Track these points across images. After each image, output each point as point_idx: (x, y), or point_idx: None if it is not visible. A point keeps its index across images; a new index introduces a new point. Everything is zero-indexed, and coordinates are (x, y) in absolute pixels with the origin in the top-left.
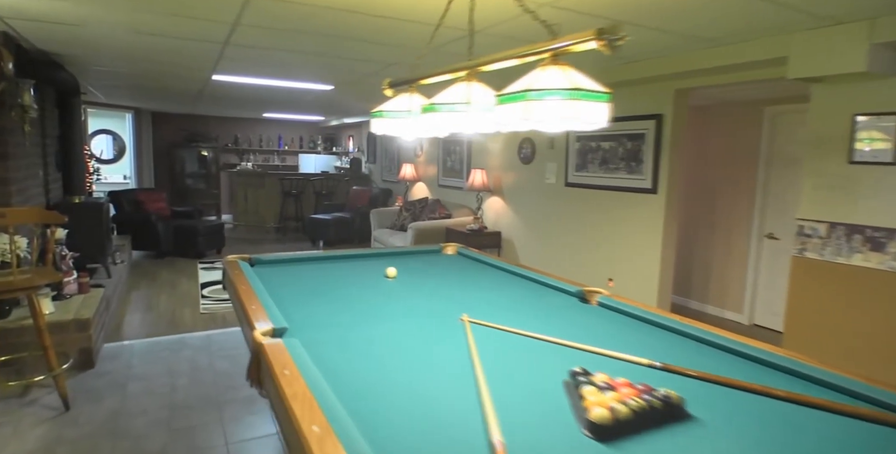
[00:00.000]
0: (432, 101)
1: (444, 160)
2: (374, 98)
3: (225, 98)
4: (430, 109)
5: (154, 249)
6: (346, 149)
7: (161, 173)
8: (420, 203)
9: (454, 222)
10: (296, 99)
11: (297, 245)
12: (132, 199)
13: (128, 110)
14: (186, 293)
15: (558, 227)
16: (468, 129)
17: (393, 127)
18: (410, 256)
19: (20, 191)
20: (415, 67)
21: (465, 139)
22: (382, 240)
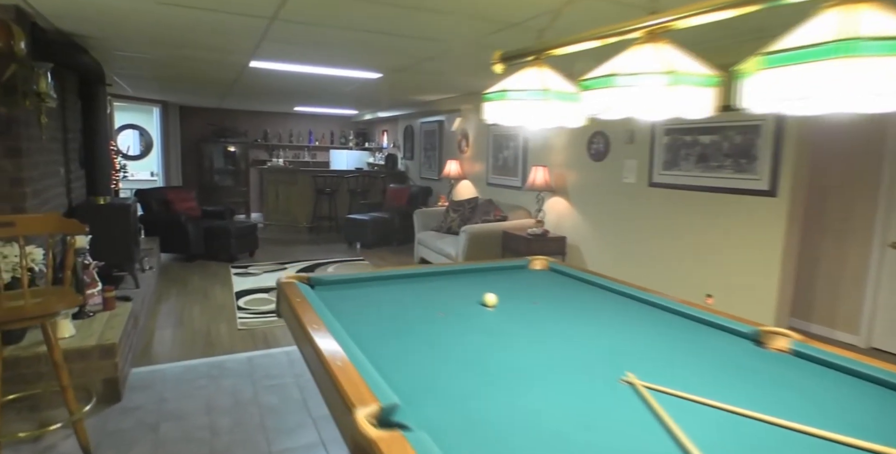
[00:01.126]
0: (610, 72)
1: (494, 156)
2: (426, 88)
3: (258, 90)
4: (604, 84)
5: (184, 252)
6: (379, 144)
7: (188, 170)
8: (469, 203)
9: (512, 225)
10: (334, 90)
11: (332, 247)
12: (161, 198)
13: (155, 104)
14: (221, 304)
15: (639, 232)
16: (659, 110)
17: (520, 111)
18: (494, 274)
19: (37, 192)
20: (538, 34)
21: (521, 133)
22: (429, 243)
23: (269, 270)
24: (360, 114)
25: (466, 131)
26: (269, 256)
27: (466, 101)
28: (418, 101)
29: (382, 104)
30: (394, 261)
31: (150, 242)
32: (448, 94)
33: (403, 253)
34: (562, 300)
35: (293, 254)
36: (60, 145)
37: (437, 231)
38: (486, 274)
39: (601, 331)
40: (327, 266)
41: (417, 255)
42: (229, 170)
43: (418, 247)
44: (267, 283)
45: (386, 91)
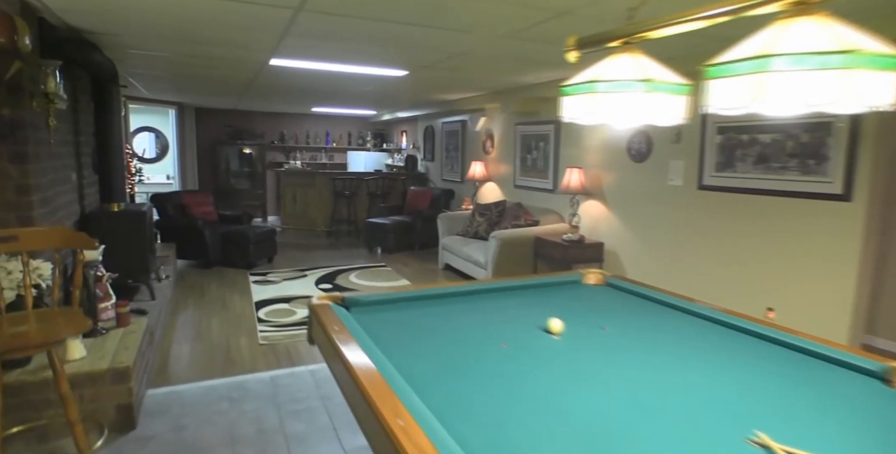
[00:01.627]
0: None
1: (522, 157)
2: (451, 86)
3: (276, 90)
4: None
5: (201, 259)
6: (398, 145)
7: (204, 173)
8: (496, 207)
9: (544, 230)
10: (354, 89)
11: (352, 252)
12: (177, 202)
13: (171, 106)
14: (240, 315)
15: (686, 239)
16: None
17: (611, 106)
18: (547, 291)
19: (45, 200)
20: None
21: (552, 132)
22: (454, 249)
23: (288, 278)
24: (379, 114)
25: (491, 131)
26: (288, 262)
27: (492, 99)
28: (440, 100)
29: (402, 104)
30: (417, 267)
31: (167, 249)
32: (473, 92)
33: (426, 258)
34: (633, 324)
35: (312, 259)
36: (72, 149)
37: (462, 236)
38: (537, 291)
39: (694, 367)
40: (349, 273)
41: (442, 261)
42: (245, 172)
43: (443, 252)
44: (287, 292)
45: (408, 90)
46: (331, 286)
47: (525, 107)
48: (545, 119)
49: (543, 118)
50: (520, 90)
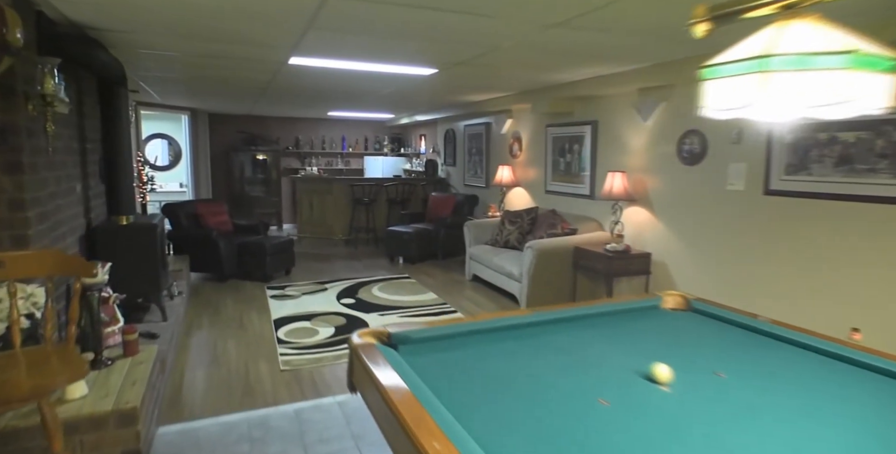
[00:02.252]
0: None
1: (554, 161)
2: (479, 85)
3: (293, 93)
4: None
5: (216, 272)
6: (416, 150)
7: (218, 180)
8: (528, 214)
9: (584, 240)
10: (375, 90)
11: (372, 261)
12: (190, 212)
13: (184, 112)
14: (259, 335)
15: (748, 249)
16: None
17: (790, 90)
18: (623, 320)
19: (44, 215)
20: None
21: (588, 133)
22: (483, 259)
23: (308, 291)
24: (397, 118)
25: (519, 134)
26: (306, 274)
27: (521, 100)
28: (464, 101)
29: (421, 106)
30: (442, 278)
31: (179, 262)
32: (500, 92)
33: (451, 268)
34: (748, 366)
35: (332, 271)
36: (77, 157)
37: (492, 245)
38: (613, 320)
39: (858, 428)
40: (371, 286)
41: (469, 272)
42: (260, 179)
43: (470, 262)
44: (307, 308)
45: (432, 91)
46: (353, 301)
47: (558, 107)
48: (580, 119)
49: (578, 119)
50: (552, 89)
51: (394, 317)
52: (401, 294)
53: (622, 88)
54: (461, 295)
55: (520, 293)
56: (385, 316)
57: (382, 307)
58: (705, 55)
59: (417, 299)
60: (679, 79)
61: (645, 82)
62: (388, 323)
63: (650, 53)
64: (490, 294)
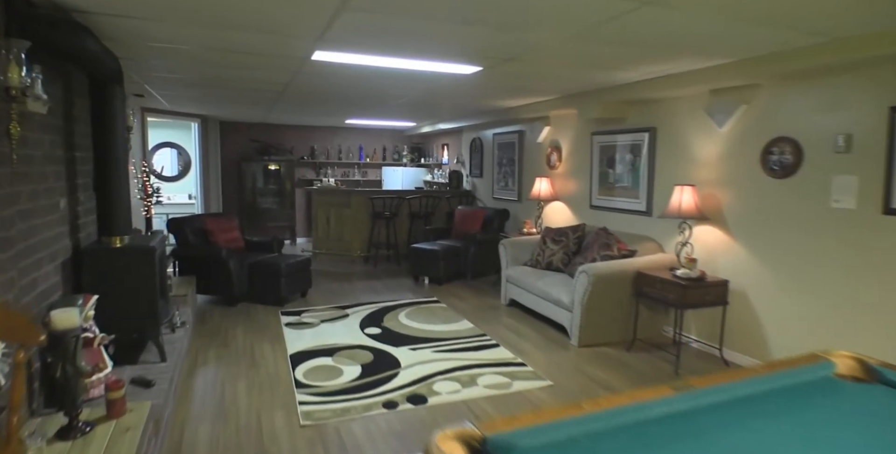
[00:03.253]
0: None
1: (601, 173)
2: (520, 88)
3: (312, 97)
4: None
5: (224, 294)
6: (438, 160)
7: (229, 191)
8: (573, 232)
9: (646, 264)
10: (403, 93)
11: (394, 282)
12: (198, 228)
13: (194, 119)
14: (273, 375)
15: (862, 279)
16: None
17: None
18: (795, 398)
19: (6, 243)
20: None
21: (645, 142)
22: (523, 283)
23: (327, 318)
24: (418, 126)
25: (558, 142)
26: (324, 297)
27: (562, 104)
28: (496, 107)
29: (447, 114)
30: (474, 302)
31: (185, 284)
32: (541, 96)
33: (482, 290)
34: None
35: (352, 292)
36: (62, 168)
37: (532, 267)
38: (787, 401)
39: None
40: (397, 311)
41: (506, 296)
42: (272, 190)
43: (507, 286)
44: (328, 339)
45: (467, 95)
46: (379, 330)
47: (609, 112)
48: (635, 126)
49: (632, 125)
50: (603, 92)
51: (427, 352)
52: (432, 322)
53: (690, 89)
54: (499, 323)
55: (570, 324)
56: (417, 350)
57: (413, 339)
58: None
59: (451, 329)
60: (767, 77)
61: (721, 81)
62: (424, 359)
63: (736, 45)
64: (533, 323)
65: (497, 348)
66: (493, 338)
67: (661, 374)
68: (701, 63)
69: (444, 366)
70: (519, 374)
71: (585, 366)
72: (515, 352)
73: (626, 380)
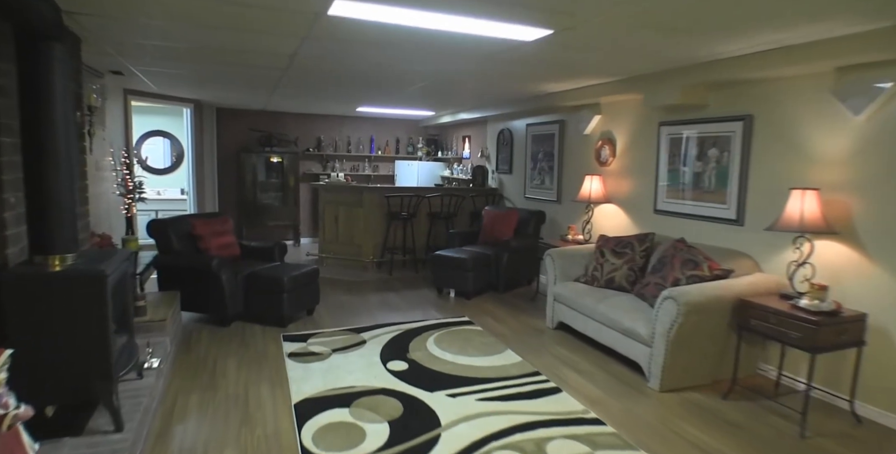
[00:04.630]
0: None
1: (672, 170)
2: (588, 66)
3: (320, 76)
4: None
5: (215, 312)
6: (457, 153)
7: (226, 185)
8: (640, 242)
9: (749, 288)
10: (435, 69)
11: (414, 294)
12: (185, 231)
13: (186, 104)
14: (273, 439)
15: None
16: None
17: None
18: None
19: None
20: None
21: (737, 133)
22: (579, 304)
23: (339, 347)
24: (436, 116)
25: (611, 134)
26: (334, 315)
27: (622, 88)
28: (534, 93)
29: (469, 101)
30: (514, 324)
31: (166, 302)
32: (598, 78)
33: (518, 306)
34: None
35: (366, 308)
36: None
37: (586, 283)
38: None
39: None
40: (423, 335)
41: (552, 318)
42: (274, 184)
43: (555, 306)
44: (342, 379)
45: (511, 73)
46: (405, 365)
47: (687, 97)
48: (722, 114)
49: (717, 113)
50: (681, 72)
51: (471, 400)
52: (468, 352)
53: (808, 66)
54: (551, 355)
55: (648, 362)
56: (458, 397)
57: (450, 379)
58: None
59: (495, 363)
60: None
61: (859, 55)
62: (469, 413)
63: None
64: (592, 355)
65: (559, 394)
66: (551, 379)
67: (783, 437)
68: (830, 30)
69: (497, 425)
70: (599, 439)
71: (679, 422)
72: (583, 400)
73: (740, 447)
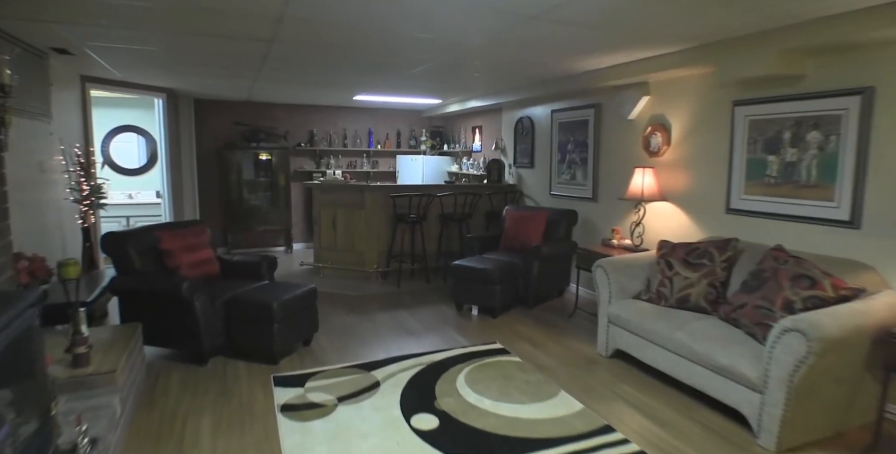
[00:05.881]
0: None
1: (751, 160)
2: (648, 28)
3: (313, 48)
4: None
5: (188, 346)
6: (466, 147)
7: (207, 187)
8: (720, 250)
9: (891, 312)
10: (439, 44)
11: (430, 311)
12: (148, 246)
13: (157, 93)
14: None
15: None
16: None
17: None
18: None
19: None
20: None
21: (851, 112)
22: (648, 331)
23: (346, 394)
24: (444, 104)
25: (664, 118)
26: (336, 343)
27: (685, 60)
28: (566, 72)
29: (483, 84)
30: (558, 351)
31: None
32: (651, 48)
33: (556, 326)
34: None
35: (375, 333)
36: None
37: (650, 302)
38: None
39: None
40: (452, 372)
41: (606, 344)
42: (263, 184)
43: (610, 329)
44: (356, 449)
45: (536, 44)
46: (436, 422)
47: (780, 66)
48: (829, 88)
49: (821, 87)
50: (770, 35)
51: None
52: (512, 397)
53: None
54: (620, 398)
55: (758, 413)
56: None
57: (498, 442)
58: None
59: (549, 413)
60: None
61: None
62: None
63: None
64: (672, 398)
65: None
66: (630, 438)
67: None
68: None
69: None
70: None
71: None
72: None
73: None
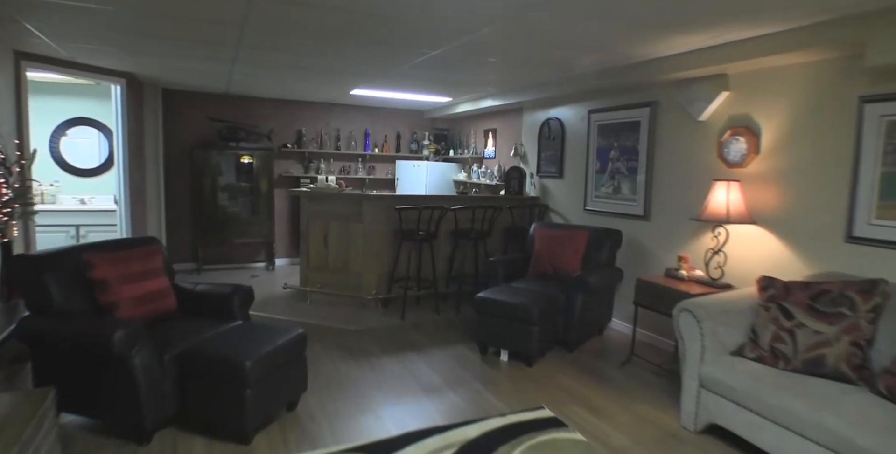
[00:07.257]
0: None
1: (886, 172)
2: None
3: (295, 28)
4: None
5: (124, 417)
6: (476, 152)
7: (175, 192)
8: (863, 295)
9: None
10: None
11: (446, 354)
12: (72, 273)
13: (114, 79)
14: None
15: None
16: None
17: None
18: None
19: None
20: None
21: None
22: (769, 408)
23: None
24: (452, 103)
25: (751, 119)
26: (329, 409)
27: (792, 42)
28: (612, 63)
29: (506, 78)
30: (627, 420)
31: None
32: (750, 27)
33: (612, 381)
34: None
35: (381, 391)
36: None
37: (759, 361)
38: None
39: None
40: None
41: (697, 414)
42: (243, 190)
43: (703, 396)
44: None
45: (591, 23)
46: None
47: None
48: None
49: None
50: None
51: None
52: None
53: None
54: None
55: None
56: None
57: None
58: None
59: None
60: None
61: None
62: None
63: None
64: None
65: None
66: None
67: None
68: None
69: None
70: None
71: None
72: None
73: None
